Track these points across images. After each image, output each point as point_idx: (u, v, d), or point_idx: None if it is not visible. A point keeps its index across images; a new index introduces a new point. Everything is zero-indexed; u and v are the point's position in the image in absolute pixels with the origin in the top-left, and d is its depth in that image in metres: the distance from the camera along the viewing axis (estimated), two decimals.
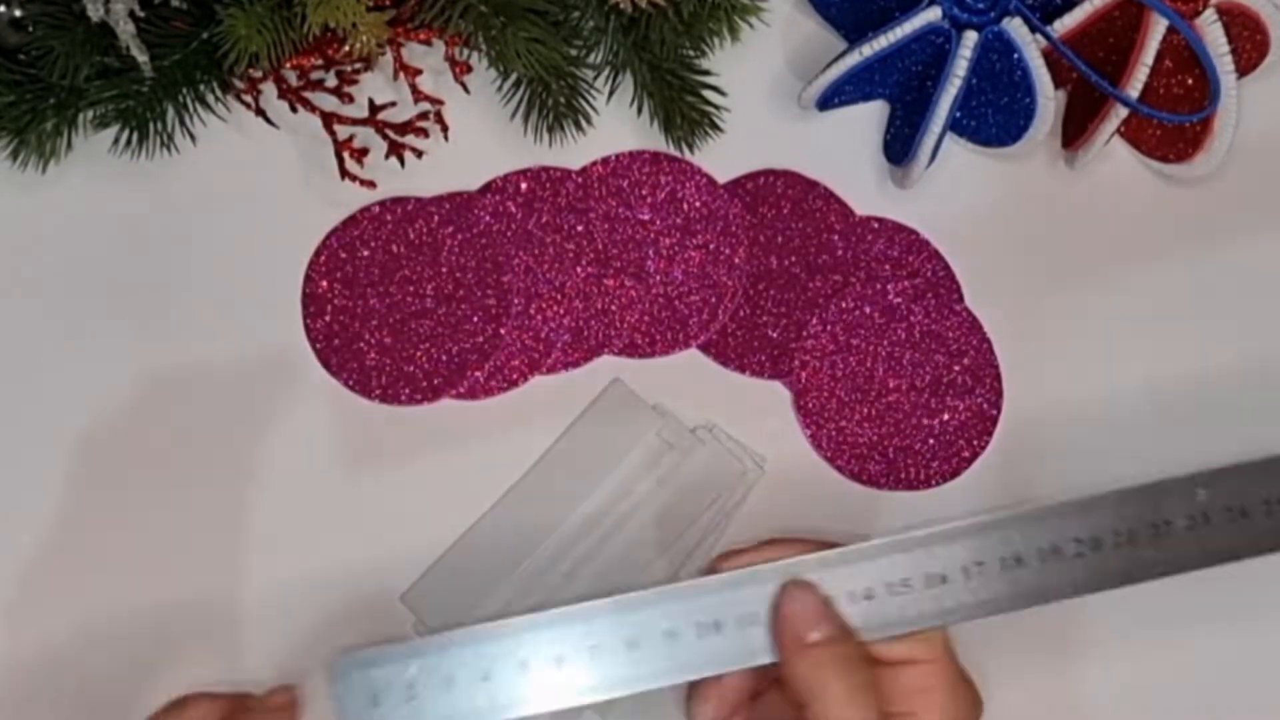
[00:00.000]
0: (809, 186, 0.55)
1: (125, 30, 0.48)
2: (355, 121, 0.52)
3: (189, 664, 0.52)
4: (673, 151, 0.54)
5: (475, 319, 0.53)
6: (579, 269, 0.54)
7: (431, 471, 0.53)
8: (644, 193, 0.54)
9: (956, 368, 0.54)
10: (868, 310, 0.54)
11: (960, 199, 0.55)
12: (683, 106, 0.53)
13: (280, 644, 0.52)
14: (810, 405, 0.54)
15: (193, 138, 0.52)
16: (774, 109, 0.55)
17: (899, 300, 0.54)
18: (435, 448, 0.53)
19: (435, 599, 0.52)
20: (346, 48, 0.49)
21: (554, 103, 0.52)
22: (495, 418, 0.53)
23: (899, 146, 0.54)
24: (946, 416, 0.54)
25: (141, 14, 0.49)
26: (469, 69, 0.53)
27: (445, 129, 0.53)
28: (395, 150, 0.52)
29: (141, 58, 0.49)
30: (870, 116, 0.55)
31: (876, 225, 0.55)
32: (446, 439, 0.53)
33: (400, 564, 0.53)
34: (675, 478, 0.53)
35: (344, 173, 0.52)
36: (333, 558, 0.53)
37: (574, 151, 0.54)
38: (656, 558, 0.52)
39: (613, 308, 0.54)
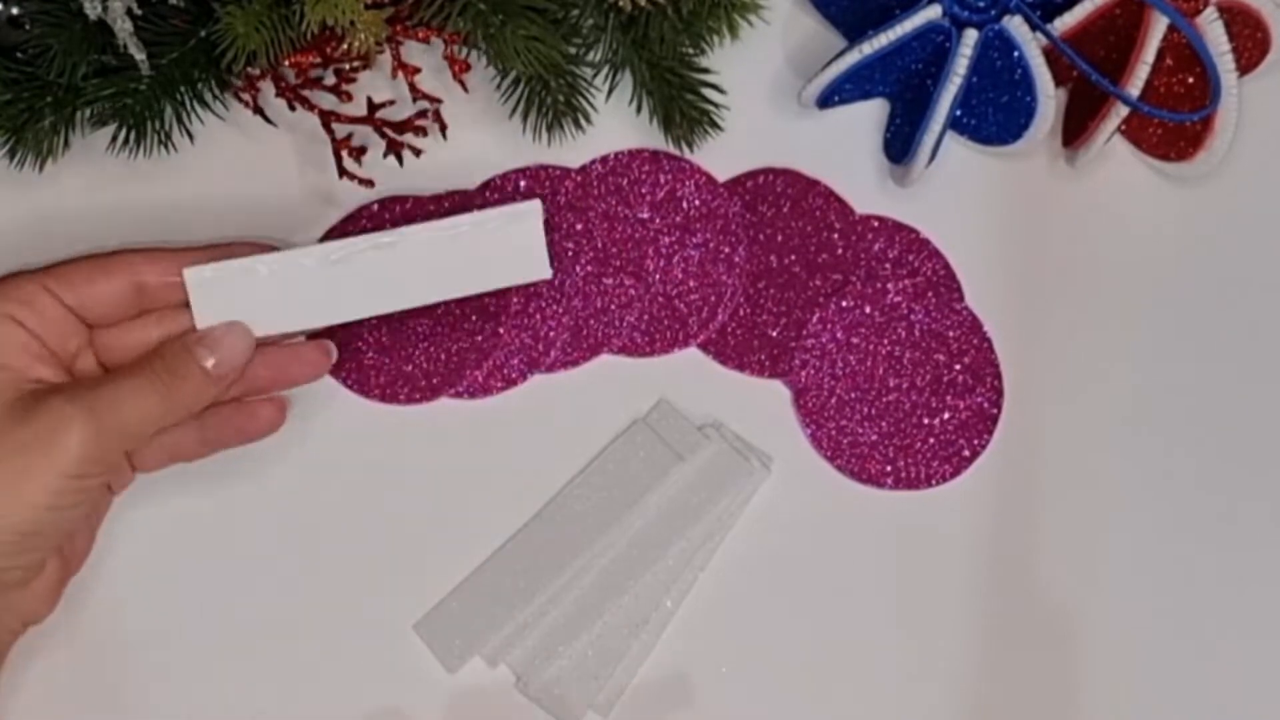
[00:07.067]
0: (809, 185, 0.54)
1: (123, 28, 0.48)
2: (353, 120, 0.52)
3: (198, 681, 0.52)
4: (672, 150, 0.54)
5: (474, 318, 0.53)
6: (578, 268, 0.54)
7: (432, 472, 0.53)
8: (643, 191, 0.54)
9: (957, 367, 0.54)
10: (868, 309, 0.54)
11: (961, 198, 0.55)
12: (682, 105, 0.53)
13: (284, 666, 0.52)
14: (810, 405, 0.53)
15: (190, 136, 0.52)
16: (774, 107, 0.55)
17: (899, 299, 0.54)
18: (435, 447, 0.53)
19: (449, 629, 0.52)
20: (345, 46, 0.49)
21: (553, 101, 0.52)
22: (494, 417, 0.53)
23: (899, 145, 0.54)
24: (947, 416, 0.53)
25: (139, 12, 0.48)
26: (467, 67, 0.52)
27: (444, 127, 0.53)
28: (394, 148, 0.52)
29: (139, 56, 0.49)
30: (870, 115, 0.55)
31: (877, 224, 0.54)
32: (446, 438, 0.53)
33: (404, 574, 0.53)
34: (683, 477, 0.53)
35: (342, 171, 0.52)
36: (334, 561, 0.52)
37: (573, 150, 0.54)
38: (661, 555, 0.52)
39: (612, 306, 0.54)
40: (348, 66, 0.52)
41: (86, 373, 0.48)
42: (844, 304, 0.54)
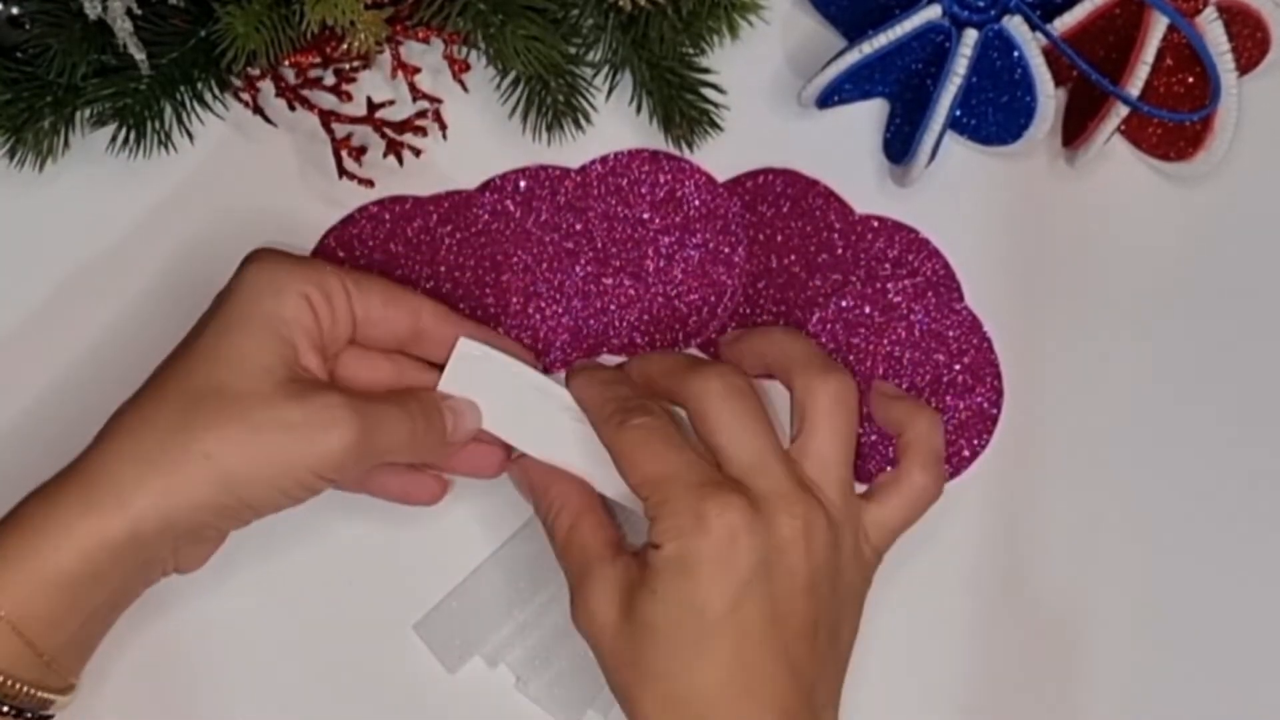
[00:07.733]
0: (808, 185, 0.54)
1: (123, 28, 0.48)
2: (353, 120, 0.52)
3: (196, 680, 0.52)
4: (672, 150, 0.54)
5: (475, 318, 0.53)
6: (577, 268, 0.54)
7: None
8: (643, 191, 0.54)
9: (957, 367, 0.54)
10: (868, 309, 0.54)
11: (960, 198, 0.55)
12: (682, 105, 0.53)
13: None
14: None
15: (190, 136, 0.52)
16: (773, 107, 0.55)
17: (899, 299, 0.54)
18: None
19: (449, 629, 0.52)
20: (345, 46, 0.49)
21: (553, 101, 0.52)
22: None
23: (899, 145, 0.54)
24: (947, 416, 0.53)
25: (139, 11, 0.48)
26: (467, 67, 0.52)
27: (444, 127, 0.53)
28: (393, 149, 0.52)
29: (139, 56, 0.49)
30: (870, 115, 0.55)
31: (876, 224, 0.54)
32: None
33: (404, 574, 0.53)
34: None
35: (342, 171, 0.52)
36: (334, 562, 0.52)
37: (573, 150, 0.54)
38: None
39: (611, 306, 0.54)
40: (348, 66, 0.52)
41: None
42: (844, 304, 0.54)
